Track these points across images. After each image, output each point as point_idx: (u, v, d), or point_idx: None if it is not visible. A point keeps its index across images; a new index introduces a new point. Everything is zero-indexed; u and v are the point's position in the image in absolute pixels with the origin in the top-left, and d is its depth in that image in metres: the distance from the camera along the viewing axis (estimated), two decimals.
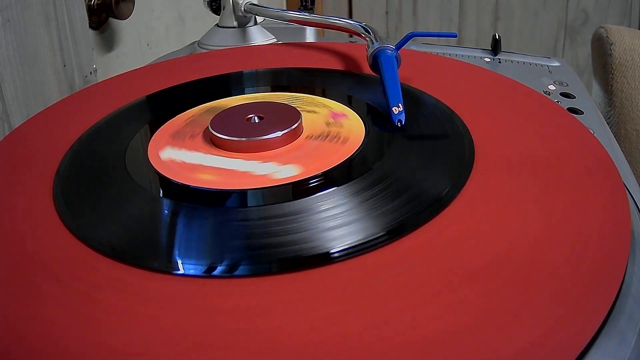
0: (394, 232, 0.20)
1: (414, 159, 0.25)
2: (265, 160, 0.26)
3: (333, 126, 0.28)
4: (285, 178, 0.24)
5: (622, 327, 0.17)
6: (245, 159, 0.26)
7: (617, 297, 0.18)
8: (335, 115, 0.29)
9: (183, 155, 0.27)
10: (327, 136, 0.27)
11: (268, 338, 0.17)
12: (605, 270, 0.18)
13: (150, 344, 0.17)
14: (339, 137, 0.27)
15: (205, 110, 0.31)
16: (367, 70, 0.34)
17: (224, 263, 0.20)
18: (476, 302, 0.17)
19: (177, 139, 0.28)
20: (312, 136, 0.27)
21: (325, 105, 0.31)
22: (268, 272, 0.19)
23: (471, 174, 0.24)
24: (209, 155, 0.26)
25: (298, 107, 0.29)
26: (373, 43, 0.34)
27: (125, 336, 0.17)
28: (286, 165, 0.25)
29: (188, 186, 0.24)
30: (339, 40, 0.49)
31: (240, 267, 0.19)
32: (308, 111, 0.30)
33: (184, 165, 0.26)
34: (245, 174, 0.25)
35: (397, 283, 0.18)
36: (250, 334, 0.17)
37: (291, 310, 0.18)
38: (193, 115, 0.31)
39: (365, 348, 0.16)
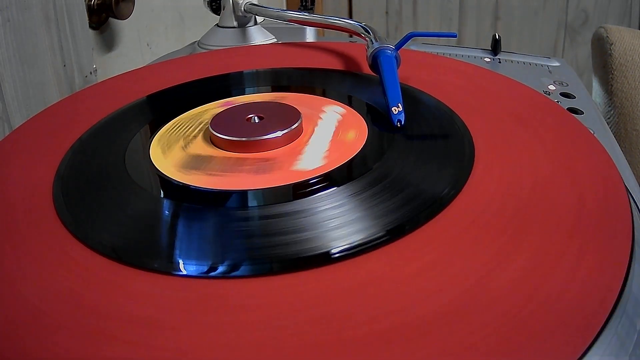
0: (394, 232, 0.20)
1: (414, 159, 0.25)
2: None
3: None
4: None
5: (622, 329, 0.17)
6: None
7: (618, 298, 0.18)
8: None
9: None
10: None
11: (268, 338, 0.17)
12: (606, 271, 0.18)
13: (150, 344, 0.17)
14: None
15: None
16: (367, 70, 0.34)
17: (224, 263, 0.20)
18: (476, 302, 0.17)
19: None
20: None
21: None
22: (268, 272, 0.19)
23: (471, 174, 0.24)
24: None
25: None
26: (373, 43, 0.34)
27: (125, 336, 0.17)
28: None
29: (188, 186, 0.24)
30: (339, 40, 0.49)
31: (241, 268, 0.19)
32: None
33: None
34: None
35: (397, 283, 0.18)
36: (250, 334, 0.17)
37: (291, 310, 0.18)
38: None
39: (365, 348, 0.16)
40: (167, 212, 0.23)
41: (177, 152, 0.27)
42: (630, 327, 0.17)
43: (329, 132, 0.28)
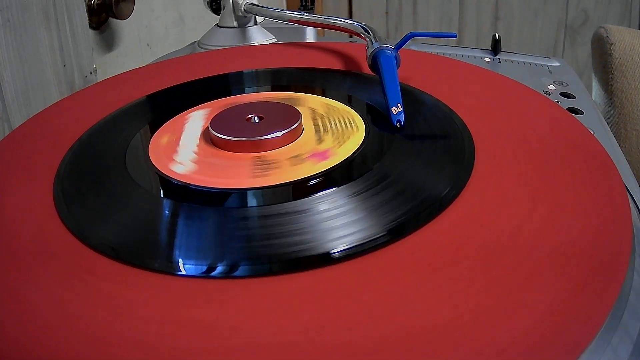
0: (394, 232, 0.20)
1: (414, 159, 0.25)
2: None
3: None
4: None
5: (622, 328, 0.17)
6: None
7: (618, 298, 0.18)
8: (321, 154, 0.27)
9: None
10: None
11: (268, 338, 0.17)
12: (606, 270, 0.18)
13: (150, 344, 0.17)
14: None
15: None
16: (367, 70, 0.34)
17: (224, 263, 0.20)
18: (476, 302, 0.17)
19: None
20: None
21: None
22: (268, 272, 0.19)
23: (471, 174, 0.24)
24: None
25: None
26: (372, 43, 0.34)
27: (125, 336, 0.17)
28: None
29: (188, 186, 0.24)
30: (339, 40, 0.49)
31: (241, 268, 0.19)
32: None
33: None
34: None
35: (397, 283, 0.18)
36: (250, 334, 0.17)
37: (292, 311, 0.18)
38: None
39: (365, 348, 0.16)
40: (167, 211, 0.23)
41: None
42: (626, 334, 0.17)
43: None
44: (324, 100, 0.31)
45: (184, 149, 0.27)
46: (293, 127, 0.27)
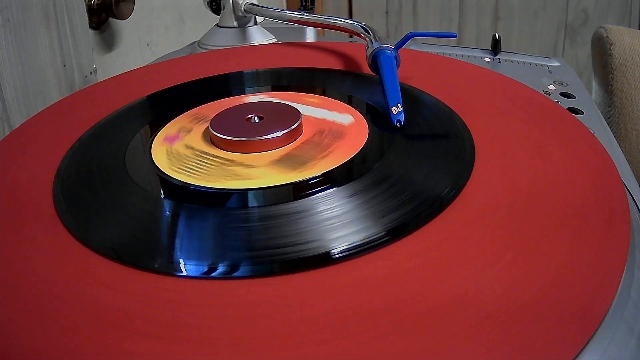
0: (394, 232, 0.20)
1: (414, 159, 0.25)
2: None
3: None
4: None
5: (620, 328, 0.17)
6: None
7: (619, 295, 0.18)
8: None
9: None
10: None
11: (268, 338, 0.17)
12: (605, 270, 0.18)
13: (150, 344, 0.17)
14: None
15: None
16: (367, 70, 0.34)
17: (224, 264, 0.20)
18: (476, 302, 0.17)
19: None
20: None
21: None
22: (269, 273, 0.19)
23: (471, 174, 0.24)
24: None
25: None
26: (372, 43, 0.34)
27: (124, 336, 0.17)
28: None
29: (188, 186, 0.24)
30: (339, 40, 0.49)
31: (241, 268, 0.19)
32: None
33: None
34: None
35: (397, 283, 0.18)
36: (250, 334, 0.17)
37: (292, 311, 0.18)
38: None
39: (365, 348, 0.16)
40: (167, 212, 0.23)
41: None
42: (628, 329, 0.17)
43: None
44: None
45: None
46: (293, 127, 0.27)
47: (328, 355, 0.16)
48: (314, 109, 0.30)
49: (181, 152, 0.27)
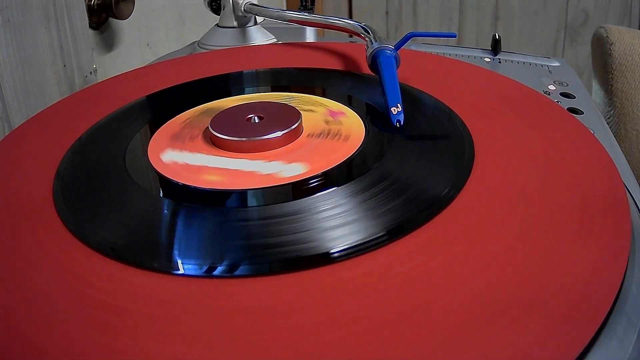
0: (394, 232, 0.20)
1: (414, 159, 0.25)
2: (269, 159, 0.26)
3: (332, 124, 0.28)
4: (291, 177, 0.24)
5: (621, 329, 0.17)
6: (248, 159, 0.26)
7: (617, 297, 0.18)
8: (333, 113, 0.29)
9: (183, 155, 0.27)
10: (328, 134, 0.27)
11: (268, 339, 0.17)
12: (605, 270, 0.18)
13: (150, 344, 0.17)
14: (340, 135, 0.27)
15: (205, 110, 0.31)
16: (367, 70, 0.34)
17: (224, 263, 0.20)
18: (475, 302, 0.17)
19: (177, 139, 0.28)
20: (312, 134, 0.27)
21: (322, 104, 0.31)
22: (268, 272, 0.19)
23: (471, 174, 0.24)
24: (210, 155, 0.26)
25: (296, 106, 0.29)
26: (372, 43, 0.34)
27: (124, 336, 0.17)
28: (291, 163, 0.25)
29: (188, 186, 0.24)
30: (339, 40, 0.49)
31: (241, 267, 0.19)
32: (306, 110, 0.30)
33: (185, 166, 0.26)
34: (250, 173, 0.25)
35: (396, 283, 0.18)
36: (250, 334, 0.17)
37: (291, 311, 0.18)
38: (193, 115, 0.31)
39: (365, 348, 0.16)
40: (166, 211, 0.23)
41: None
42: (629, 326, 0.17)
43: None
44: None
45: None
46: (293, 127, 0.27)
47: (328, 355, 0.16)
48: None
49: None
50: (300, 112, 0.28)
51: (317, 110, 0.30)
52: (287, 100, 0.31)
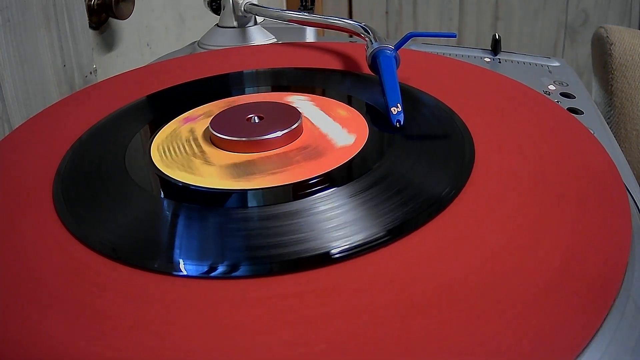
0: (394, 232, 0.20)
1: (414, 159, 0.25)
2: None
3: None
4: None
5: (621, 329, 0.17)
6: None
7: (617, 297, 0.18)
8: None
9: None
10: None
11: (268, 339, 0.17)
12: (606, 270, 0.18)
13: (150, 345, 0.17)
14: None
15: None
16: (367, 70, 0.34)
17: (224, 264, 0.20)
18: (475, 303, 0.17)
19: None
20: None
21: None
22: (268, 272, 0.19)
23: (471, 174, 0.24)
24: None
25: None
26: (372, 43, 0.34)
27: (124, 337, 0.17)
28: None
29: (188, 186, 0.24)
30: (339, 40, 0.49)
31: (241, 268, 0.19)
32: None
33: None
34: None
35: (397, 283, 0.18)
36: (250, 334, 0.17)
37: (291, 311, 0.18)
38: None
39: (365, 348, 0.16)
40: (167, 212, 0.23)
41: (177, 152, 0.27)
42: (630, 329, 0.17)
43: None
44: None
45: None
46: (293, 127, 0.27)
47: (328, 355, 0.16)
48: (322, 118, 0.29)
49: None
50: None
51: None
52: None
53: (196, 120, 0.30)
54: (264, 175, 0.24)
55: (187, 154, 0.27)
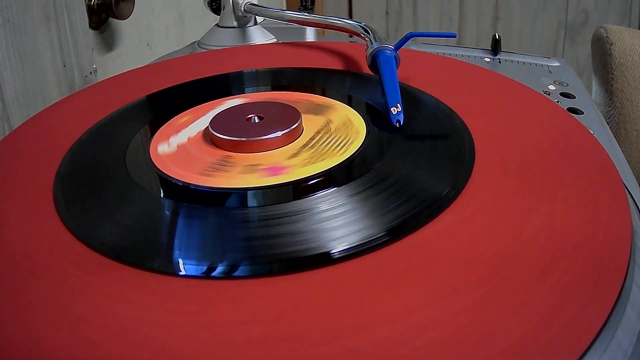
0: (394, 232, 0.20)
1: (414, 159, 0.25)
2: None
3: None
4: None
5: (621, 329, 0.17)
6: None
7: (618, 298, 0.18)
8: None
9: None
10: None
11: (268, 339, 0.17)
12: (606, 270, 0.18)
13: (150, 344, 0.17)
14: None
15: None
16: (367, 70, 0.34)
17: (224, 263, 0.20)
18: (475, 303, 0.17)
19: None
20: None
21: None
22: (268, 272, 0.19)
23: (471, 174, 0.24)
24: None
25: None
26: (372, 43, 0.34)
27: (124, 336, 0.17)
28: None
29: (188, 186, 0.24)
30: (339, 40, 0.49)
31: (241, 268, 0.19)
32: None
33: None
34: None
35: (397, 283, 0.18)
36: (249, 334, 0.17)
37: (291, 311, 0.18)
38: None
39: (365, 348, 0.16)
40: (167, 212, 0.23)
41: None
42: (629, 327, 0.17)
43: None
44: (350, 115, 0.29)
45: (185, 149, 0.27)
46: (293, 127, 0.27)
47: (327, 355, 0.16)
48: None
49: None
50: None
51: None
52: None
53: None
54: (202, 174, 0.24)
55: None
